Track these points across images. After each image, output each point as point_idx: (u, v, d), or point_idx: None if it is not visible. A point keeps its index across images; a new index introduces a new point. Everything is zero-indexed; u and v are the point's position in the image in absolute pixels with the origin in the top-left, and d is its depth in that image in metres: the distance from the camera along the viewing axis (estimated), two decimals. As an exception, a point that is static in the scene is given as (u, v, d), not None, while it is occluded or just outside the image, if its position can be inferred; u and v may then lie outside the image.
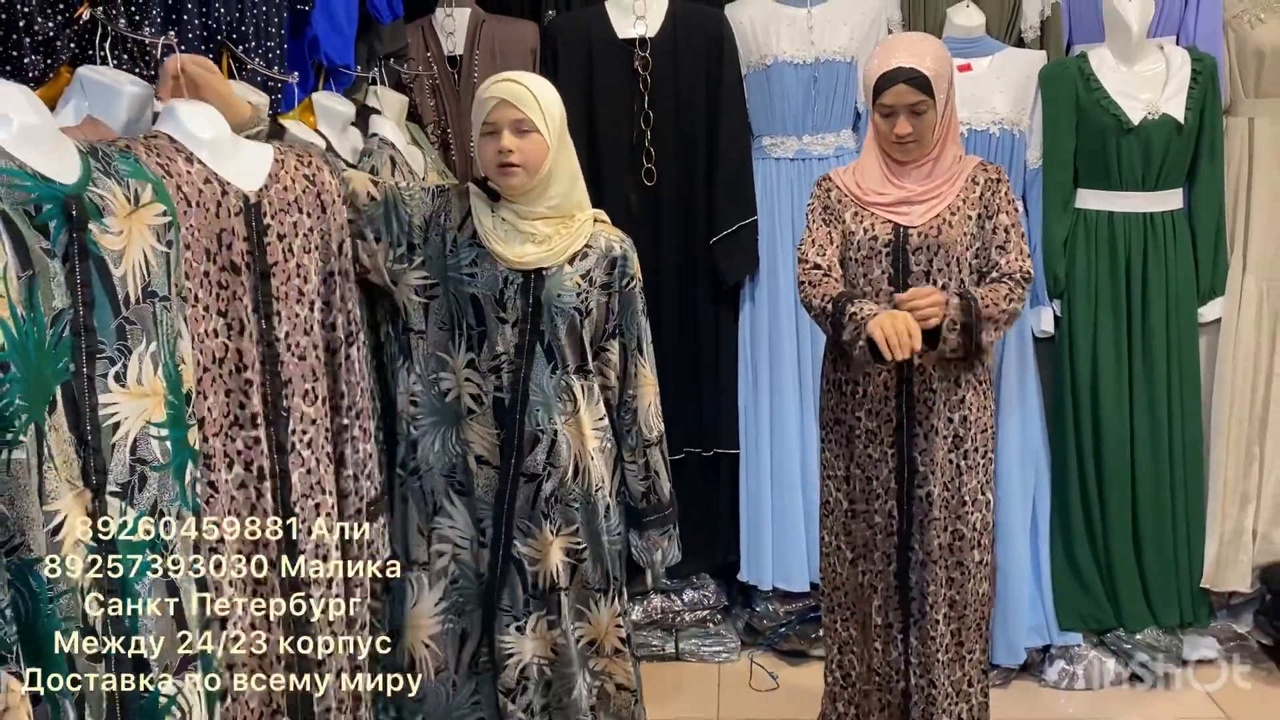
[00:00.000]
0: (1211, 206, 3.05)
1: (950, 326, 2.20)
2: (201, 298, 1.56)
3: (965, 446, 2.32)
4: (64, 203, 1.24)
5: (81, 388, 1.25)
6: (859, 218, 2.32)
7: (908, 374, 2.30)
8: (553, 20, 3.19)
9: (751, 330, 3.22)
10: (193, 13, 2.01)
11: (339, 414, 1.84)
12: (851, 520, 2.40)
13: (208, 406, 1.57)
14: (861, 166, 2.36)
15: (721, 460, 3.22)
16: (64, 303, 1.23)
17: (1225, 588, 3.08)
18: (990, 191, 2.30)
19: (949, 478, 2.31)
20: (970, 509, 2.32)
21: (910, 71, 2.18)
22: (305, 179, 1.78)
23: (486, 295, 1.99)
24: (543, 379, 2.02)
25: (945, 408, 2.29)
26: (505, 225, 2.00)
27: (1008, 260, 2.27)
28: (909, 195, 2.28)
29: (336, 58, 2.53)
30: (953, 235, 2.26)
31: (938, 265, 2.27)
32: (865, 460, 2.35)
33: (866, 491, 2.36)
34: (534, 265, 2.00)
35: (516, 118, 1.95)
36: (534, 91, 1.98)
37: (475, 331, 2.01)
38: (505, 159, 1.94)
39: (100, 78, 1.61)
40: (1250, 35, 3.05)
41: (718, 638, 3.24)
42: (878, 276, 2.29)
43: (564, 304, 2.01)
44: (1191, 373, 3.07)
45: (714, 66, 3.11)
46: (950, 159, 2.30)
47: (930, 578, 2.31)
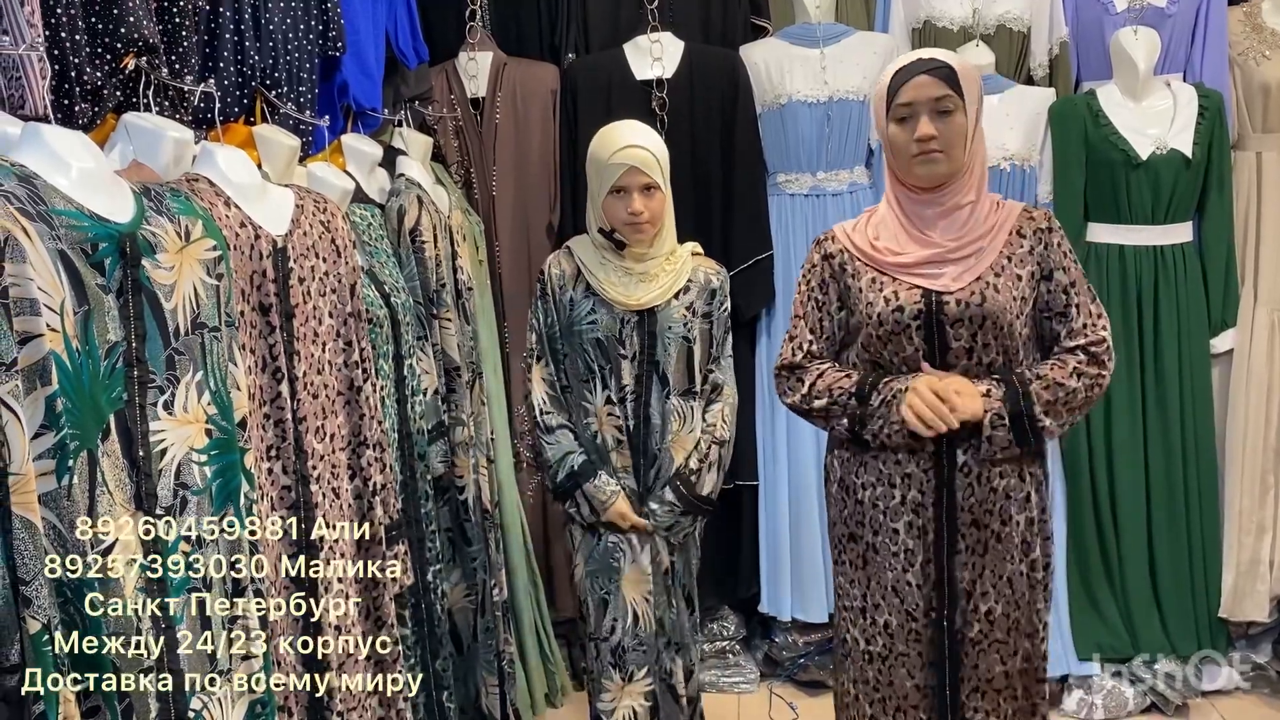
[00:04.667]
0: (1221, 239, 3.09)
1: (995, 422, 1.80)
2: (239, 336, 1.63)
3: (1033, 555, 1.89)
4: (119, 241, 1.31)
5: (134, 415, 1.31)
6: (877, 284, 1.87)
7: (948, 470, 1.86)
8: (572, 63, 3.27)
9: (768, 363, 3.26)
10: (229, 60, 2.09)
11: (356, 446, 1.90)
12: (869, 665, 1.95)
13: (246, 438, 1.63)
14: (874, 220, 1.95)
15: (742, 493, 3.26)
16: (118, 335, 1.29)
17: (1243, 618, 3.09)
18: (1042, 244, 1.86)
19: (1020, 593, 1.88)
20: (1035, 627, 1.91)
21: (933, 61, 1.80)
22: (322, 225, 1.85)
23: (609, 336, 2.24)
24: (659, 404, 2.26)
25: (1014, 509, 1.87)
26: (618, 272, 2.24)
27: (1071, 328, 1.85)
28: (938, 253, 1.84)
29: (365, 101, 2.61)
30: (1000, 302, 1.81)
31: (983, 340, 1.83)
32: (893, 584, 1.89)
33: (892, 628, 1.91)
34: (647, 305, 2.24)
35: (645, 182, 2.17)
36: (657, 155, 2.20)
37: (607, 369, 2.26)
38: (638, 220, 2.17)
39: (144, 123, 1.68)
40: (1256, 72, 3.11)
41: (737, 668, 3.26)
42: (911, 355, 1.86)
43: (674, 335, 2.25)
44: (1204, 404, 3.10)
45: (729, 106, 3.19)
46: (988, 205, 1.87)
47: (990, 708, 1.90)
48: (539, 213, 3.24)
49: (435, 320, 2.43)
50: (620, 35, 3.24)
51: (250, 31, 2.12)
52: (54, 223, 1.23)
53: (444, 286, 2.45)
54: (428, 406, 2.34)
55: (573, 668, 3.21)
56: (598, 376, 2.26)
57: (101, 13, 1.70)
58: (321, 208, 1.88)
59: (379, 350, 2.10)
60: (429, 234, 2.41)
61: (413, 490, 2.26)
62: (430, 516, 2.33)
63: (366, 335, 1.97)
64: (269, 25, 2.17)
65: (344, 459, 1.86)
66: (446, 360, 2.45)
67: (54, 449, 1.16)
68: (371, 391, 1.94)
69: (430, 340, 2.41)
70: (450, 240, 2.57)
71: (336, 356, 1.86)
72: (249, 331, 1.66)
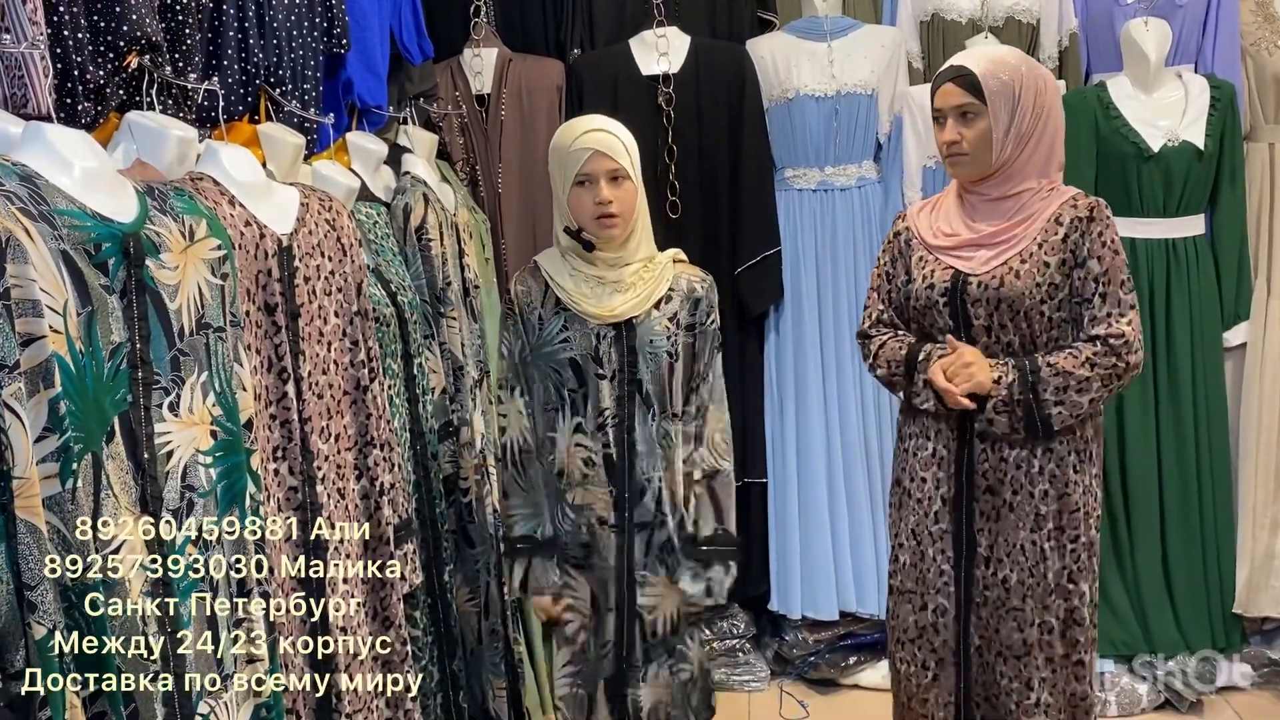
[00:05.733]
0: (1234, 231, 3.07)
1: (999, 408, 1.93)
2: (244, 336, 1.61)
3: (1048, 526, 1.98)
4: (122, 241, 1.29)
5: (139, 417, 1.29)
6: (923, 263, 2.05)
7: (969, 436, 2.00)
8: (578, 59, 3.26)
9: (776, 360, 3.25)
10: (233, 58, 2.08)
11: (363, 446, 1.89)
12: (889, 597, 2.15)
13: (252, 439, 1.62)
14: (941, 202, 2.11)
15: (752, 490, 3.24)
16: (121, 336, 1.28)
17: (1257, 613, 3.07)
18: (1078, 232, 1.94)
19: (1033, 563, 1.98)
20: (1056, 598, 1.99)
21: (958, 69, 1.94)
22: (327, 223, 1.84)
23: (584, 355, 2.01)
24: (644, 428, 2.03)
25: (1025, 480, 1.98)
26: (590, 282, 2.01)
27: (1094, 319, 1.93)
28: (979, 237, 1.98)
29: (370, 99, 2.60)
30: (1018, 287, 1.93)
31: (999, 320, 1.96)
32: (914, 531, 2.07)
33: (919, 569, 2.07)
34: (624, 316, 2.00)
35: (611, 168, 1.96)
36: (622, 139, 2.00)
37: (579, 394, 2.02)
38: (606, 209, 1.95)
39: (147, 122, 1.67)
40: (1268, 62, 3.08)
41: (747, 667, 3.24)
42: (942, 328, 2.02)
43: (656, 349, 2.02)
44: (1218, 397, 3.08)
45: (736, 101, 3.17)
46: (1037, 196, 1.98)
47: (1013, 674, 2.02)
48: (545, 210, 3.20)
49: (442, 319, 2.42)
50: (626, 30, 3.23)
51: (254, 29, 2.10)
52: (56, 223, 1.22)
53: (450, 285, 2.43)
54: (436, 406, 2.33)
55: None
56: (567, 403, 2.03)
57: (104, 11, 1.68)
58: (326, 206, 1.87)
59: (386, 349, 2.08)
60: (435, 232, 2.40)
61: (427, 490, 2.25)
62: (444, 516, 2.31)
63: (373, 334, 1.95)
64: (273, 22, 2.15)
65: (350, 459, 1.85)
66: (452, 359, 2.43)
67: (57, 452, 1.15)
68: (378, 391, 1.92)
69: (438, 339, 2.39)
70: (456, 238, 2.56)
71: (342, 356, 1.85)
72: (254, 331, 1.64)
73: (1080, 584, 2.00)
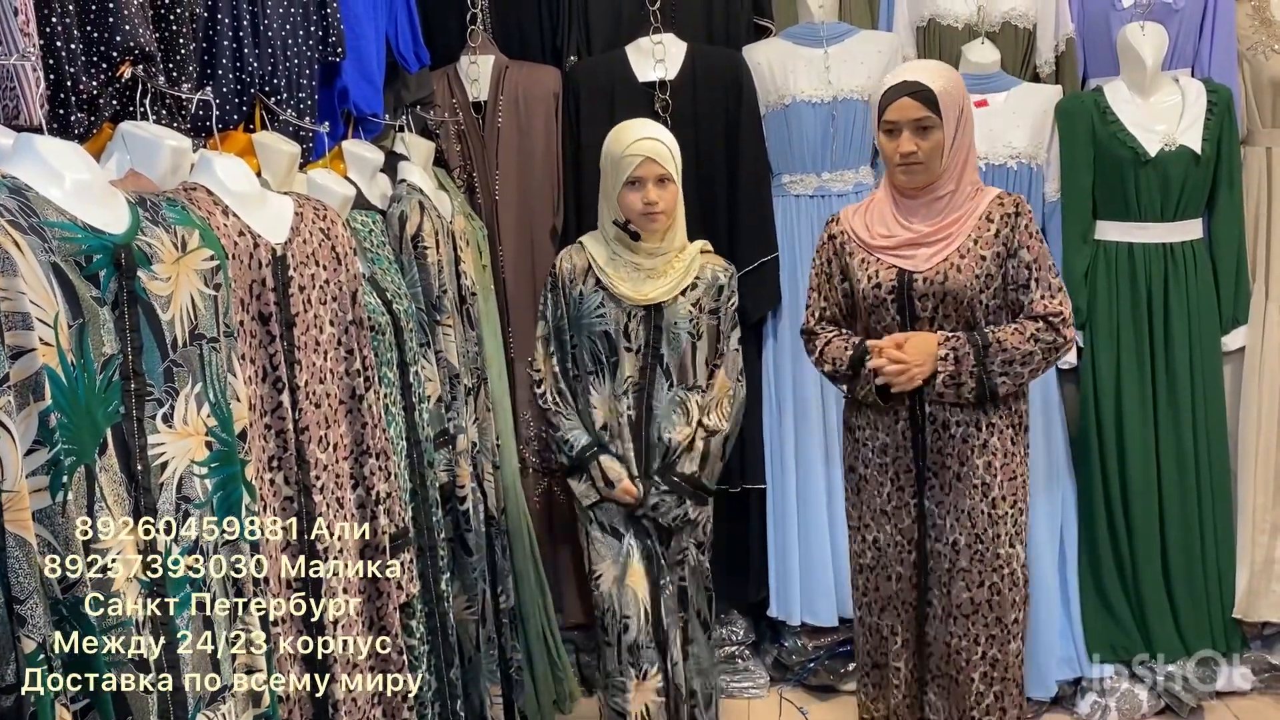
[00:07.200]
0: (1231, 236, 3.06)
1: (947, 382, 2.14)
2: (238, 346, 1.61)
3: (994, 494, 2.21)
4: (113, 252, 1.29)
5: (131, 429, 1.29)
6: (865, 264, 2.24)
7: (920, 419, 2.22)
8: (574, 66, 3.25)
9: (774, 365, 3.24)
10: (227, 67, 2.08)
11: (359, 455, 1.88)
12: (859, 575, 2.37)
13: (246, 449, 1.61)
14: (873, 205, 2.29)
15: (750, 496, 3.24)
16: (114, 348, 1.27)
17: (1257, 618, 3.06)
18: (1008, 227, 2.17)
19: (980, 529, 2.21)
20: (1002, 561, 2.22)
21: (914, 85, 2.11)
22: (322, 232, 1.83)
23: (616, 329, 2.36)
24: (661, 395, 2.38)
25: (971, 453, 2.19)
26: (628, 267, 2.36)
27: (1032, 300, 2.16)
28: (916, 237, 2.19)
29: (366, 107, 2.60)
30: (961, 280, 2.15)
31: (944, 312, 2.18)
32: (878, 511, 2.29)
33: (881, 543, 2.31)
34: (654, 301, 2.36)
35: (660, 173, 2.29)
36: (670, 147, 2.32)
37: (612, 361, 2.37)
38: (654, 209, 2.29)
39: (141, 132, 1.66)
40: (1265, 66, 3.08)
41: (746, 673, 3.24)
42: (889, 324, 2.22)
43: (679, 330, 2.37)
44: (1216, 402, 3.07)
45: (733, 107, 3.17)
46: (964, 196, 2.20)
47: (962, 633, 2.24)
48: (542, 216, 3.22)
49: (438, 327, 2.41)
50: (622, 37, 3.22)
51: (249, 38, 2.10)
52: (46, 235, 1.21)
53: (445, 292, 2.43)
54: (432, 414, 2.32)
55: (580, 674, 3.19)
56: (605, 368, 2.38)
57: (97, 21, 1.68)
58: (321, 215, 1.86)
59: (381, 358, 2.08)
60: (431, 240, 2.40)
61: (423, 499, 2.24)
62: (441, 525, 2.31)
63: (369, 343, 1.95)
64: (268, 31, 2.15)
65: (346, 468, 1.84)
66: (448, 367, 2.43)
67: (47, 465, 1.14)
68: (374, 400, 1.92)
69: (434, 347, 2.39)
70: (453, 245, 2.56)
71: (338, 365, 1.84)
72: (249, 341, 1.64)
73: (1017, 546, 2.24)
